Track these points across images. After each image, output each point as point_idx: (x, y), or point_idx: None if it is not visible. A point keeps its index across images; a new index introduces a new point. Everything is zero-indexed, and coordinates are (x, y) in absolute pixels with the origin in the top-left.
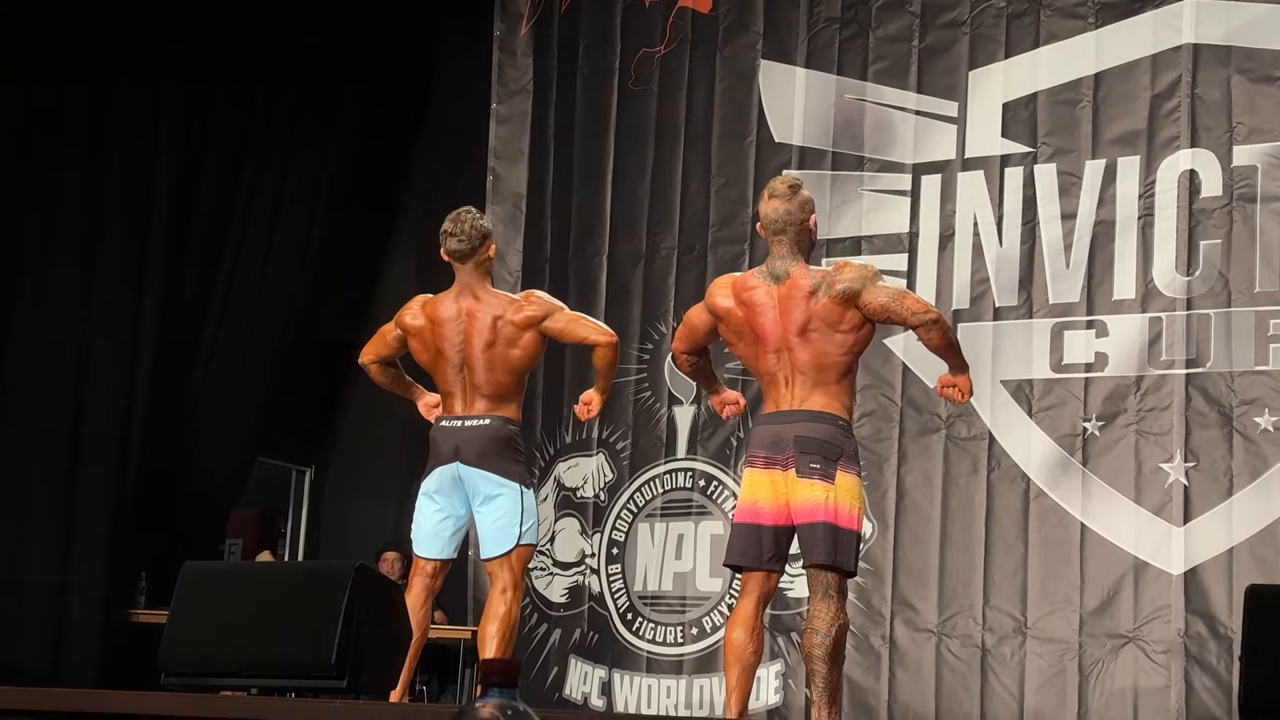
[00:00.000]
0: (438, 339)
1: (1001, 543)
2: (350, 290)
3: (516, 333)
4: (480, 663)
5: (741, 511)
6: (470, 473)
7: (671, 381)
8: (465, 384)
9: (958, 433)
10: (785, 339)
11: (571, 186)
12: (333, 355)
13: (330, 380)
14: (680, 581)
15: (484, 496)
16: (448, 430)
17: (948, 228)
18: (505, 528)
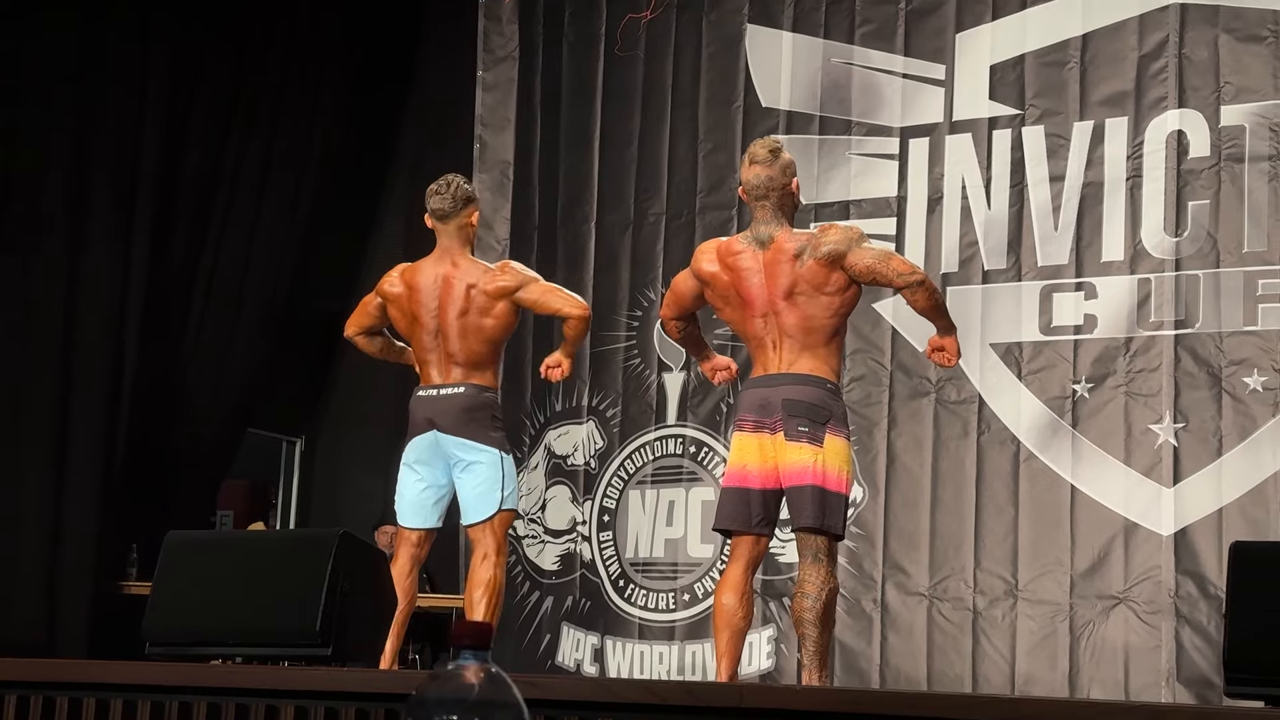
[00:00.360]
0: (414, 305)
1: (992, 505)
2: (338, 260)
3: (489, 302)
4: (453, 626)
5: (730, 475)
6: (448, 440)
7: (661, 348)
8: (441, 352)
9: (948, 396)
10: (772, 303)
11: (559, 154)
12: (321, 325)
13: (320, 350)
14: (671, 548)
15: (463, 463)
16: (424, 400)
17: (936, 191)
18: (486, 494)
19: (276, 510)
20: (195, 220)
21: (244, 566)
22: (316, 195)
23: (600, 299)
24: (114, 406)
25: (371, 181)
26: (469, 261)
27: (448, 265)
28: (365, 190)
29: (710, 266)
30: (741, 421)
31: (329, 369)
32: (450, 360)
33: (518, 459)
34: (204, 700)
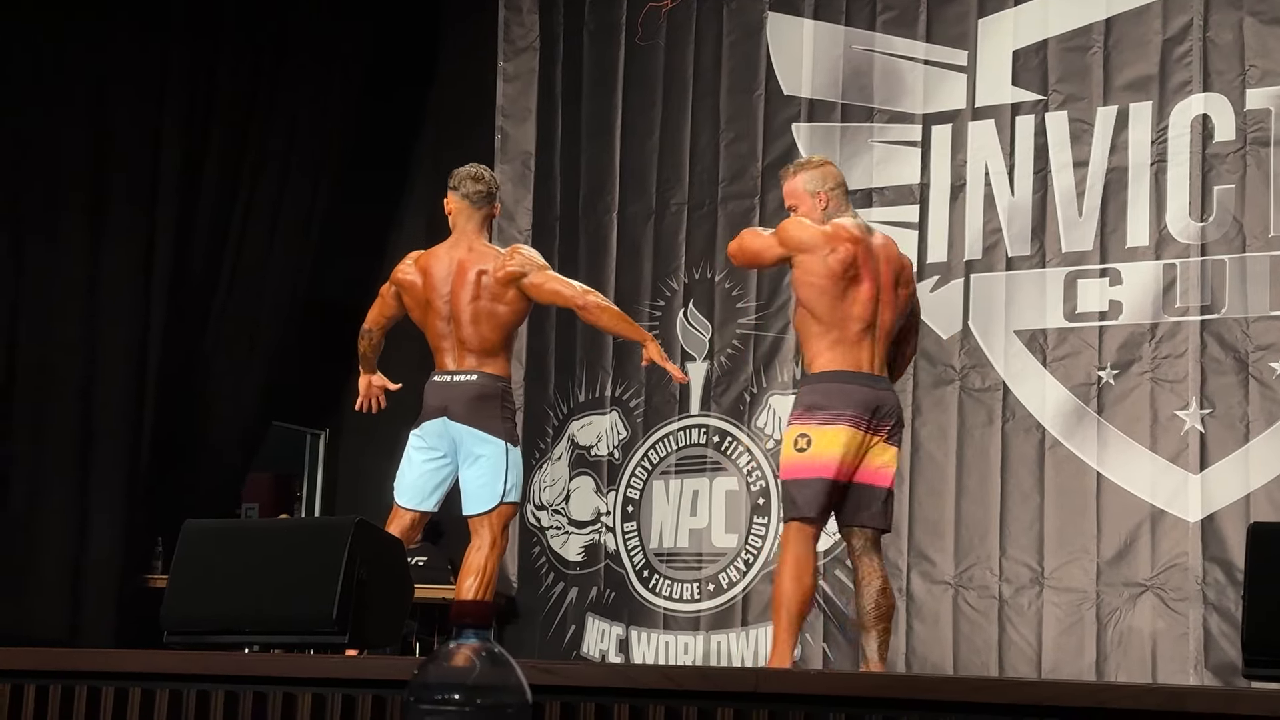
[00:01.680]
0: (428, 290)
1: (1018, 493)
2: (359, 253)
3: (500, 288)
4: (453, 604)
5: (824, 466)
6: (458, 429)
7: (684, 338)
8: (454, 338)
9: (972, 384)
10: (884, 293)
11: (580, 144)
12: (343, 318)
13: (342, 344)
14: (696, 538)
15: (470, 455)
16: (438, 386)
17: (959, 178)
18: (488, 485)
19: (301, 502)
20: (215, 218)
21: (261, 555)
22: (336, 190)
23: (623, 289)
24: (139, 402)
25: (393, 174)
26: (484, 247)
27: (463, 250)
28: (386, 183)
29: (853, 231)
30: (844, 416)
31: (351, 363)
32: (463, 347)
33: (540, 450)
34: (221, 689)
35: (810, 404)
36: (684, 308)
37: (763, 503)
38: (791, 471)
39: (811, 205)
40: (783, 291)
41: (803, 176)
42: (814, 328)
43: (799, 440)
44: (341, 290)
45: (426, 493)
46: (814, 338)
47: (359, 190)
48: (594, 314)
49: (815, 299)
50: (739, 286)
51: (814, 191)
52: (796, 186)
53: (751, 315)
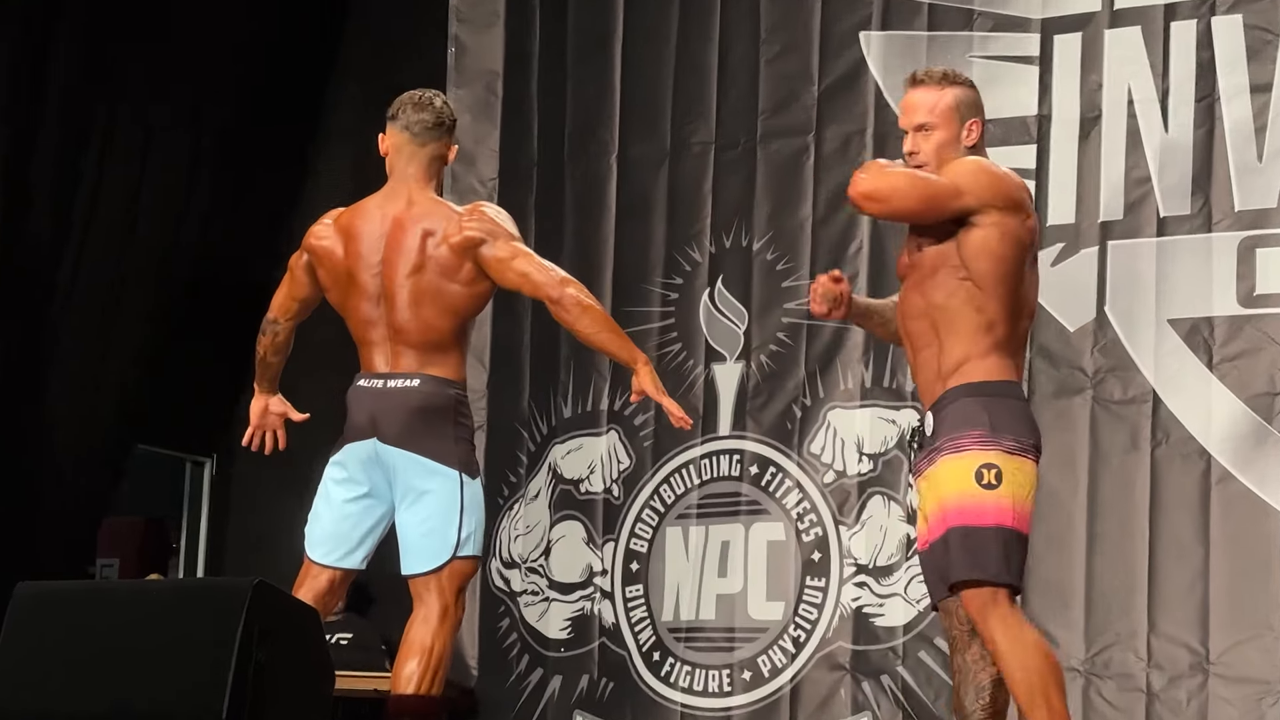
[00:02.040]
0: (351, 259)
1: (1173, 545)
2: (260, 220)
3: (453, 259)
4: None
5: (1020, 513)
6: (392, 454)
7: (709, 330)
8: (386, 327)
9: (1109, 393)
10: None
11: (566, 62)
12: (236, 304)
13: (233, 339)
14: (726, 607)
15: (410, 490)
16: (365, 393)
17: (1092, 108)
18: (436, 533)
19: (179, 557)
20: (57, 189)
21: (123, 628)
22: (227, 134)
23: (624, 262)
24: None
25: (305, 107)
26: (431, 201)
27: (401, 204)
28: (296, 121)
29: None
30: (1033, 453)
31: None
32: (400, 339)
33: (510, 484)
34: None
35: (992, 423)
36: (710, 287)
37: (818, 558)
38: (977, 515)
39: (956, 137)
40: (847, 263)
41: (957, 92)
42: (976, 318)
43: (984, 472)
44: (234, 268)
45: (350, 544)
46: (976, 332)
47: (258, 134)
48: (571, 313)
49: (1000, 278)
50: (787, 257)
51: (968, 119)
52: (946, 103)
53: (804, 298)
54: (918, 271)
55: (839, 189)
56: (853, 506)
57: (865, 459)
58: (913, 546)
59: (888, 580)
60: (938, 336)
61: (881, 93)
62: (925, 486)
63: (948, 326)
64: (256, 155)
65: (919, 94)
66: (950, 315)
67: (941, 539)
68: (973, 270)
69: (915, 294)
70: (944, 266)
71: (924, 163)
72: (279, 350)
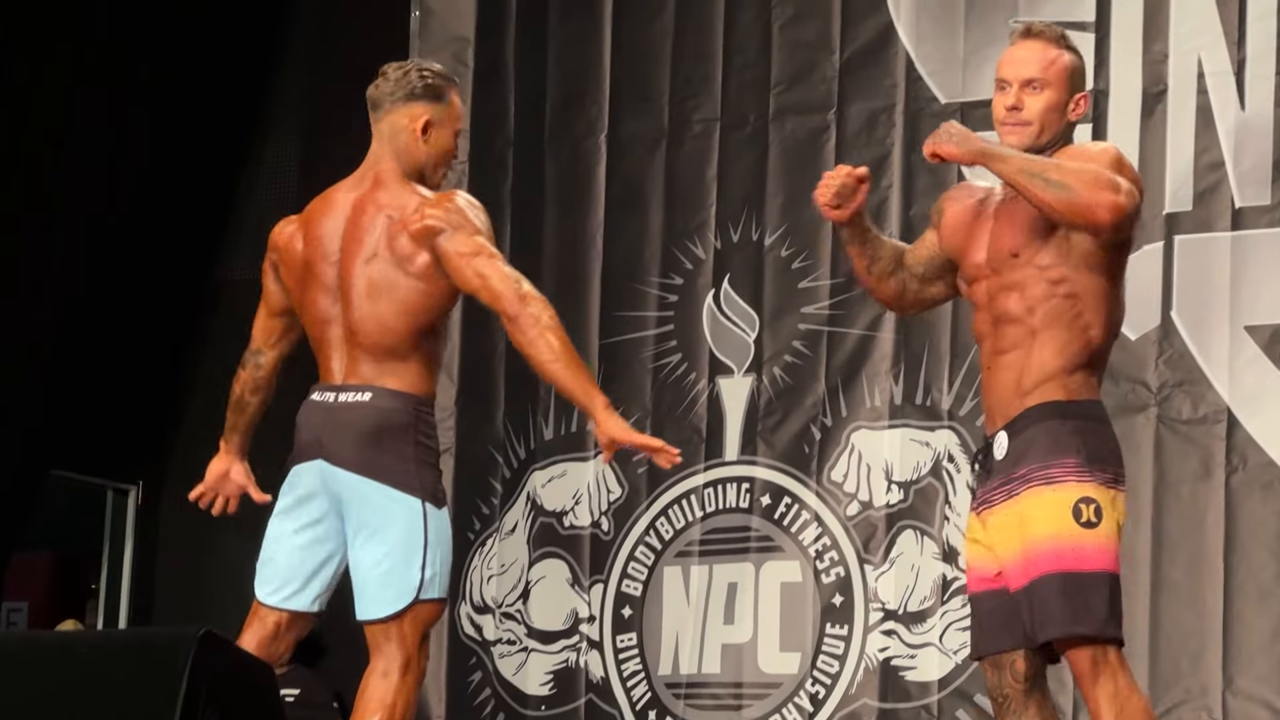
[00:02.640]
0: (309, 248)
1: (1251, 587)
2: (197, 211)
3: (411, 248)
4: None
5: (1115, 553)
6: (342, 479)
7: (714, 337)
8: (342, 327)
9: (1177, 412)
10: None
11: (546, 27)
12: (168, 315)
13: (165, 351)
14: (733, 659)
15: (365, 523)
16: (315, 408)
17: (1156, 81)
18: (396, 571)
19: (98, 599)
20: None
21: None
22: (161, 113)
23: (615, 259)
24: None
25: (251, 83)
26: (400, 185)
27: (368, 185)
28: (240, 99)
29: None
30: (1124, 483)
31: (181, 380)
32: (355, 341)
33: (482, 517)
34: None
35: (1087, 451)
36: (715, 288)
37: (840, 602)
38: (1077, 558)
39: (1064, 105)
40: None
41: (1073, 58)
42: (1077, 331)
43: (1083, 508)
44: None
45: (297, 581)
46: (1072, 345)
47: (197, 114)
48: (526, 335)
49: (1106, 289)
50: (805, 253)
51: (1077, 92)
52: (1064, 64)
53: (825, 301)
54: (1012, 273)
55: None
56: (880, 543)
57: (895, 488)
58: (950, 588)
59: (920, 628)
60: (1029, 345)
61: (913, 63)
62: (1000, 521)
63: (1045, 336)
64: (190, 143)
65: (1032, 45)
66: (1050, 324)
67: (1029, 586)
68: (1079, 278)
69: (1007, 297)
70: (1045, 269)
71: (1028, 121)
72: (259, 389)
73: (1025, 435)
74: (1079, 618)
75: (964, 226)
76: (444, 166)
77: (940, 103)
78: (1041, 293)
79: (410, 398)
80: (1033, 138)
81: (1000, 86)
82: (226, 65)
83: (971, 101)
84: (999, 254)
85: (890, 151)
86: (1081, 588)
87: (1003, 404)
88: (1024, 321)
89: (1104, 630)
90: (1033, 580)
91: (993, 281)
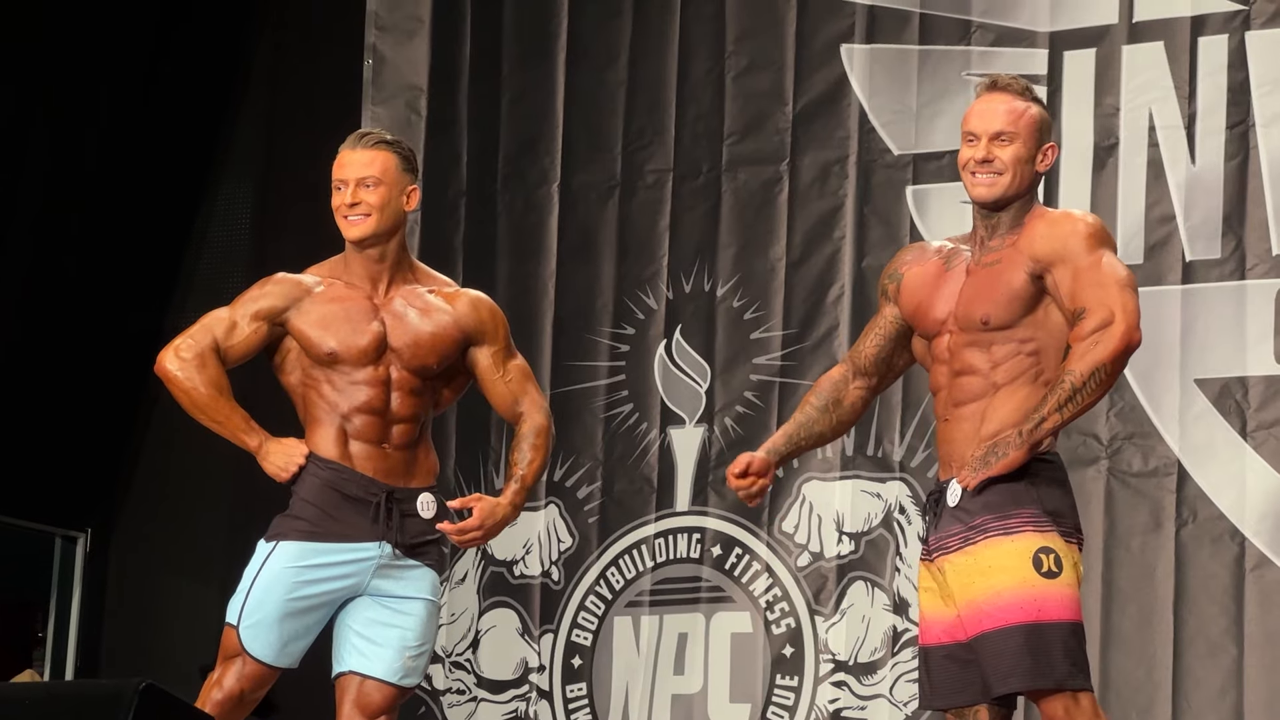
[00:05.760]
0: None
1: (1201, 641)
2: (149, 256)
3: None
4: None
5: (1076, 605)
6: None
7: (665, 387)
8: None
9: (1127, 464)
10: None
11: (500, 77)
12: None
13: (114, 399)
14: (683, 710)
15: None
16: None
17: (1107, 134)
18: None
19: (45, 649)
20: None
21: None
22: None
23: (567, 309)
24: None
25: (202, 130)
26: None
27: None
28: (191, 146)
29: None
30: (1079, 539)
31: (130, 426)
32: None
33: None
34: None
35: (1043, 502)
36: (667, 338)
37: (790, 653)
38: (1038, 609)
39: (1032, 156)
40: (826, 313)
41: (1039, 110)
42: (1043, 391)
43: (1043, 558)
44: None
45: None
46: (1030, 400)
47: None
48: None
49: (1062, 346)
50: (757, 304)
51: (1045, 143)
52: (1031, 116)
53: (777, 352)
54: (980, 334)
55: (816, 224)
56: (831, 594)
57: (846, 539)
58: (901, 640)
59: (870, 679)
60: (989, 398)
61: (866, 115)
62: (957, 569)
63: (1005, 391)
64: (142, 187)
65: (1000, 98)
66: (1011, 379)
67: (987, 636)
68: (1044, 336)
69: (972, 354)
70: (1011, 328)
71: (1001, 171)
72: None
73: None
74: (1039, 671)
75: (925, 285)
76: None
77: (893, 154)
78: (1008, 351)
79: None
80: (1004, 188)
81: (968, 140)
82: (179, 110)
83: (924, 153)
84: (968, 318)
85: (843, 203)
86: (1043, 639)
87: (959, 454)
88: (986, 376)
89: (1065, 683)
90: (990, 631)
91: (957, 338)
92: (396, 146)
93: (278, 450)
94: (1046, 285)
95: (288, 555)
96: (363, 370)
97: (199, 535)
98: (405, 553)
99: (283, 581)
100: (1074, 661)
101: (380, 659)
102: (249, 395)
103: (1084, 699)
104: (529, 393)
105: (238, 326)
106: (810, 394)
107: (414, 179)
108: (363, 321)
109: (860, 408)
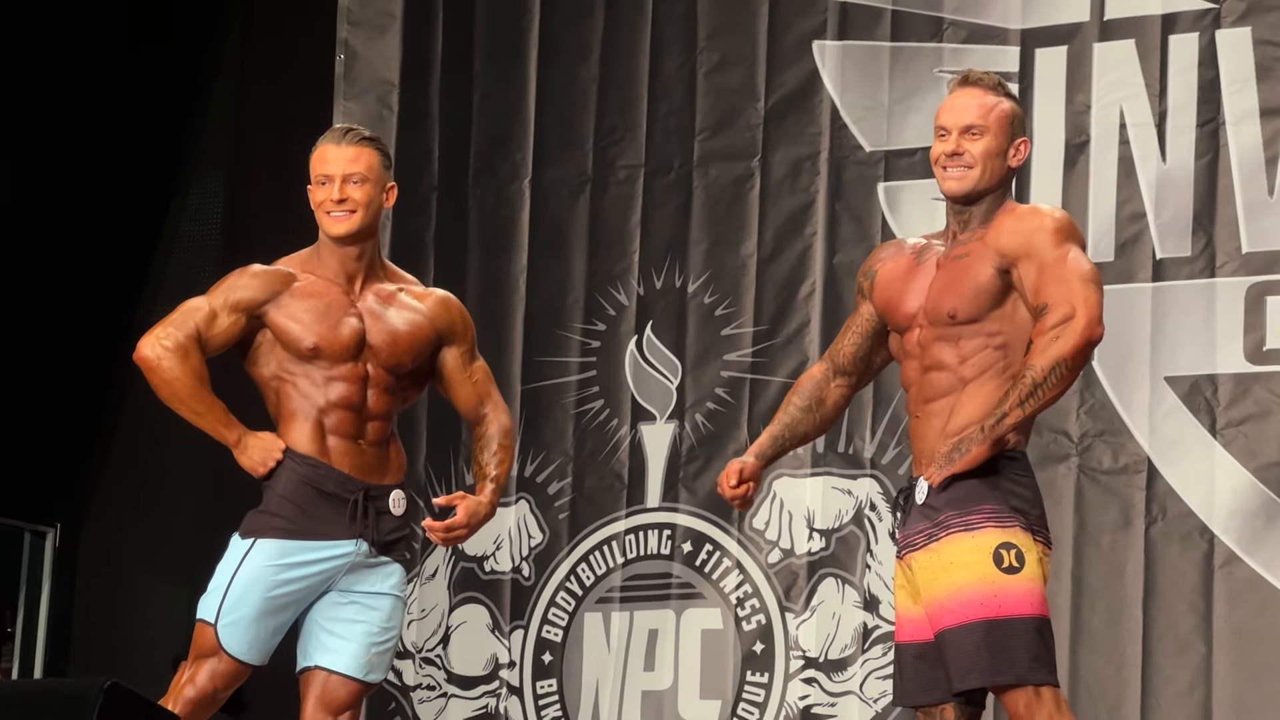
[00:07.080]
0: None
1: (1170, 638)
2: (120, 251)
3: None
4: None
5: (1042, 600)
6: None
7: (636, 384)
8: None
9: (1097, 462)
10: None
11: (472, 72)
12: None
13: (84, 393)
14: (653, 706)
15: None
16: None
17: (1078, 131)
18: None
19: (14, 647)
20: None
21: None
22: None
23: (538, 304)
24: None
25: (171, 125)
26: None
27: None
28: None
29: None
30: (1046, 535)
31: (100, 421)
32: None
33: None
34: None
35: (1014, 499)
36: (638, 334)
37: (761, 649)
38: (998, 604)
39: (1004, 151)
40: (797, 309)
41: (1011, 105)
42: (1003, 380)
43: (1004, 553)
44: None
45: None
46: (997, 394)
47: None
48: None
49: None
50: (728, 300)
51: (1017, 138)
52: (1002, 111)
53: (748, 348)
54: (948, 328)
55: (787, 221)
56: (801, 590)
57: (816, 536)
58: (871, 636)
59: (841, 676)
60: (958, 393)
61: (837, 111)
62: (923, 566)
63: (973, 386)
64: (113, 184)
65: (970, 93)
66: (979, 373)
67: (949, 632)
68: (1012, 330)
69: (941, 348)
70: (978, 321)
71: (970, 164)
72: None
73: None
74: (999, 667)
75: (898, 280)
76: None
77: (865, 150)
78: (976, 345)
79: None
80: (974, 182)
81: (940, 134)
82: (151, 105)
83: (896, 150)
84: (936, 311)
85: (814, 199)
86: (1004, 635)
87: (929, 450)
88: (954, 371)
89: (1027, 678)
90: (952, 627)
91: (927, 332)
92: (378, 144)
93: (256, 444)
94: (1013, 280)
95: (266, 553)
96: (341, 366)
97: (169, 530)
98: (379, 550)
99: (262, 580)
100: (1035, 656)
101: (346, 654)
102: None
103: (1046, 693)
104: (492, 394)
105: (218, 317)
106: (792, 394)
107: (391, 176)
108: (342, 317)
109: (843, 406)
